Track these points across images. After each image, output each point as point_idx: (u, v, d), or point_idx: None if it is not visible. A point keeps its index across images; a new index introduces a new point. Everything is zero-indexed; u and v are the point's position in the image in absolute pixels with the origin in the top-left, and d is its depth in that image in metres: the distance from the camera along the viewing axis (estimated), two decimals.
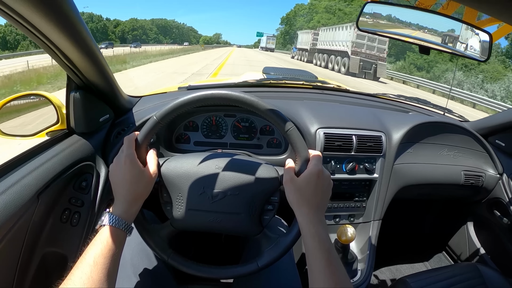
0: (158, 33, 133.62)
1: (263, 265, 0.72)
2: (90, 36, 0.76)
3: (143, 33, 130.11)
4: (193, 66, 18.85)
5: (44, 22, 0.62)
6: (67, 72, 0.86)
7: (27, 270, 0.75)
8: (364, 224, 1.29)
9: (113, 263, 0.58)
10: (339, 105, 1.48)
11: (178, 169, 0.73)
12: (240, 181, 0.73)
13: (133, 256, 0.86)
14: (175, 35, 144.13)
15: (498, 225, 1.47)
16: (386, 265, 1.77)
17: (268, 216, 0.75)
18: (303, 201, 0.65)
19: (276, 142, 1.27)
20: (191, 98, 0.67)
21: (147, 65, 19.37)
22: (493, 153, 1.40)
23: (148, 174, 0.68)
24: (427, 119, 1.34)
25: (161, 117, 0.68)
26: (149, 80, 11.57)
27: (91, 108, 0.97)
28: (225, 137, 1.26)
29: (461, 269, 1.17)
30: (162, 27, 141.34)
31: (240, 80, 1.60)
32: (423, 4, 0.86)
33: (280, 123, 0.68)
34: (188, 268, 0.74)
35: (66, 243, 0.85)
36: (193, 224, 0.74)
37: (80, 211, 0.88)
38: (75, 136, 0.97)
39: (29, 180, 0.72)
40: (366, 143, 1.19)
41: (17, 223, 0.67)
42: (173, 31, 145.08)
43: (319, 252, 0.60)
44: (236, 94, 0.67)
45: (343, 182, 1.23)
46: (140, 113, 1.16)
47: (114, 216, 0.62)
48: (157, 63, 20.79)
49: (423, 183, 1.33)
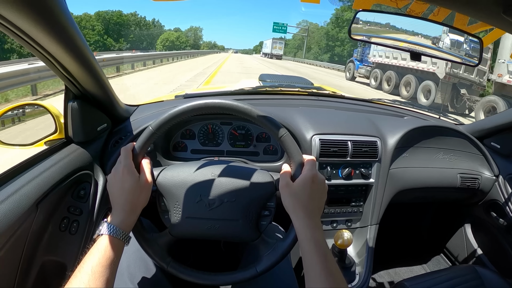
0: (103, 33, 73.71)
1: (262, 270, 0.72)
2: (86, 46, 0.77)
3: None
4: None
5: (42, 34, 0.63)
6: (64, 82, 0.87)
7: (26, 279, 0.76)
8: (362, 229, 1.30)
9: (111, 272, 0.59)
10: (335, 111, 1.49)
11: (174, 178, 0.74)
12: (236, 187, 0.74)
13: (130, 264, 0.86)
14: (135, 37, 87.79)
15: (495, 226, 1.47)
16: (384, 269, 1.77)
17: (265, 221, 0.76)
18: (298, 206, 0.66)
19: (272, 149, 1.28)
20: (185, 108, 0.68)
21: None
22: (488, 156, 1.41)
23: (145, 183, 0.68)
24: (422, 123, 1.36)
25: (156, 127, 0.69)
26: None
27: (88, 117, 0.98)
28: (222, 144, 1.27)
29: (459, 271, 1.17)
30: (113, 24, 75.98)
31: (236, 88, 1.62)
32: (414, 11, 0.88)
33: (273, 129, 0.70)
34: (187, 275, 0.74)
35: (65, 251, 0.86)
36: (191, 231, 0.74)
37: (79, 220, 0.89)
38: (73, 145, 0.97)
39: (28, 189, 0.73)
40: (362, 149, 1.20)
41: (16, 232, 0.68)
42: (130, 31, 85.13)
43: (315, 256, 0.60)
44: (229, 103, 0.69)
45: (340, 188, 1.24)
46: (138, 121, 1.17)
47: (112, 226, 0.63)
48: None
49: (420, 187, 1.34)
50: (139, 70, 15.66)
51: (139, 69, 16.27)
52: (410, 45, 0.96)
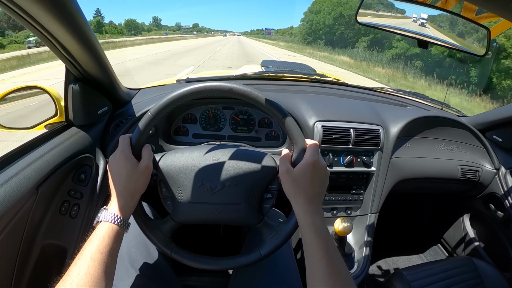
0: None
1: (265, 253, 0.73)
2: (89, 28, 0.76)
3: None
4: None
5: (44, 14, 0.62)
6: (65, 64, 0.86)
7: (26, 262, 0.76)
8: (361, 217, 1.30)
9: (111, 259, 0.59)
10: (337, 98, 1.48)
11: (175, 163, 0.74)
12: (238, 171, 0.73)
13: (131, 248, 0.87)
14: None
15: (493, 219, 1.48)
16: (382, 258, 1.79)
17: (267, 204, 0.76)
18: (299, 192, 0.65)
19: (274, 135, 1.28)
20: (184, 92, 0.67)
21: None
22: (490, 148, 1.41)
23: (143, 168, 0.68)
24: (425, 113, 1.35)
25: (155, 112, 0.68)
26: None
27: (89, 100, 0.97)
28: (224, 129, 1.27)
29: (456, 262, 1.19)
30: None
31: (239, 73, 1.60)
32: None
33: (275, 112, 0.68)
34: (192, 261, 0.74)
35: (65, 235, 0.86)
36: (194, 217, 0.74)
37: (79, 203, 0.89)
38: (74, 129, 0.97)
39: (28, 172, 0.73)
40: (364, 137, 1.19)
41: (16, 215, 0.68)
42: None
43: (316, 242, 0.60)
44: (229, 85, 0.67)
45: (341, 175, 1.24)
46: (139, 105, 1.17)
47: (111, 212, 0.63)
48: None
49: (420, 177, 1.34)
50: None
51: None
52: (416, 33, 0.95)
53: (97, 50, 0.84)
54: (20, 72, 12.28)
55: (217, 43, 45.02)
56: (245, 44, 45.03)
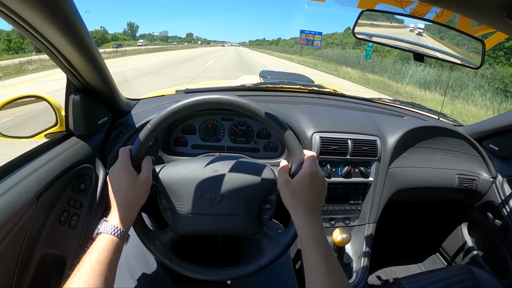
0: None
1: (265, 263, 0.73)
2: (91, 39, 0.77)
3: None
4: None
5: (47, 26, 0.63)
6: (66, 74, 0.87)
7: (26, 271, 0.76)
8: (360, 227, 1.31)
9: (110, 270, 0.59)
10: (335, 109, 1.49)
11: (175, 175, 0.74)
12: (237, 182, 0.74)
13: (129, 259, 0.86)
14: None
15: (491, 227, 1.49)
16: (381, 267, 1.79)
17: (267, 215, 0.76)
18: (298, 203, 0.66)
19: (273, 146, 1.29)
20: (184, 104, 0.68)
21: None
22: (486, 157, 1.42)
23: (143, 180, 0.68)
24: (422, 123, 1.36)
25: (155, 125, 0.69)
26: None
27: (90, 111, 0.97)
28: (222, 140, 1.27)
29: (455, 271, 1.18)
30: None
31: (237, 84, 1.62)
32: (418, 12, 0.88)
33: (273, 124, 0.69)
34: (191, 272, 0.74)
35: (65, 244, 0.86)
36: (194, 228, 0.74)
37: (79, 213, 0.89)
38: (74, 138, 0.97)
39: (29, 182, 0.73)
40: (362, 147, 1.20)
41: (16, 225, 0.68)
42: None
43: (315, 252, 0.61)
44: (228, 98, 0.68)
45: (339, 186, 1.24)
46: (138, 115, 1.17)
47: (111, 224, 0.63)
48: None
49: (418, 186, 1.34)
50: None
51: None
52: (413, 46, 0.97)
53: (98, 61, 0.85)
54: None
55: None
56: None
